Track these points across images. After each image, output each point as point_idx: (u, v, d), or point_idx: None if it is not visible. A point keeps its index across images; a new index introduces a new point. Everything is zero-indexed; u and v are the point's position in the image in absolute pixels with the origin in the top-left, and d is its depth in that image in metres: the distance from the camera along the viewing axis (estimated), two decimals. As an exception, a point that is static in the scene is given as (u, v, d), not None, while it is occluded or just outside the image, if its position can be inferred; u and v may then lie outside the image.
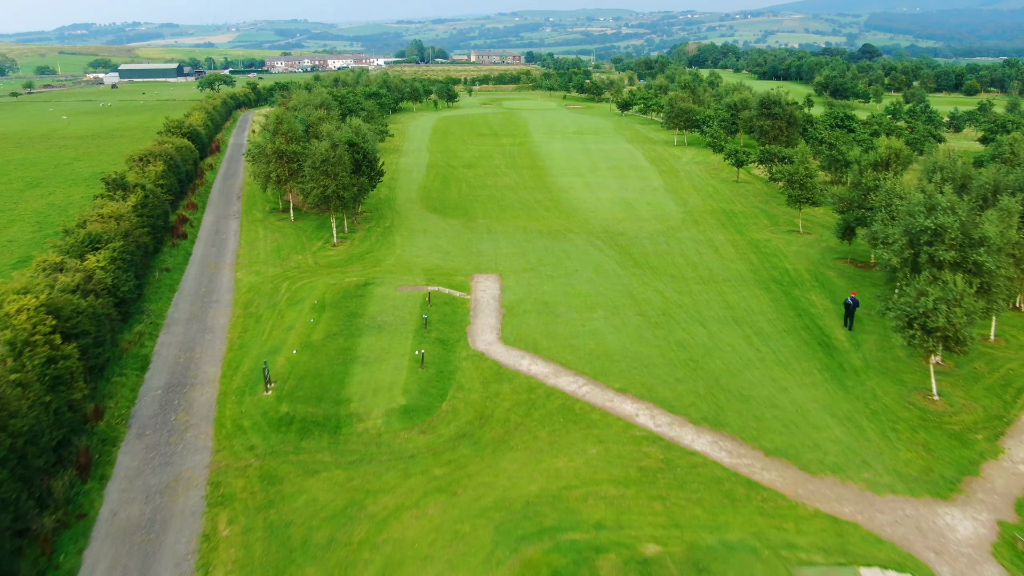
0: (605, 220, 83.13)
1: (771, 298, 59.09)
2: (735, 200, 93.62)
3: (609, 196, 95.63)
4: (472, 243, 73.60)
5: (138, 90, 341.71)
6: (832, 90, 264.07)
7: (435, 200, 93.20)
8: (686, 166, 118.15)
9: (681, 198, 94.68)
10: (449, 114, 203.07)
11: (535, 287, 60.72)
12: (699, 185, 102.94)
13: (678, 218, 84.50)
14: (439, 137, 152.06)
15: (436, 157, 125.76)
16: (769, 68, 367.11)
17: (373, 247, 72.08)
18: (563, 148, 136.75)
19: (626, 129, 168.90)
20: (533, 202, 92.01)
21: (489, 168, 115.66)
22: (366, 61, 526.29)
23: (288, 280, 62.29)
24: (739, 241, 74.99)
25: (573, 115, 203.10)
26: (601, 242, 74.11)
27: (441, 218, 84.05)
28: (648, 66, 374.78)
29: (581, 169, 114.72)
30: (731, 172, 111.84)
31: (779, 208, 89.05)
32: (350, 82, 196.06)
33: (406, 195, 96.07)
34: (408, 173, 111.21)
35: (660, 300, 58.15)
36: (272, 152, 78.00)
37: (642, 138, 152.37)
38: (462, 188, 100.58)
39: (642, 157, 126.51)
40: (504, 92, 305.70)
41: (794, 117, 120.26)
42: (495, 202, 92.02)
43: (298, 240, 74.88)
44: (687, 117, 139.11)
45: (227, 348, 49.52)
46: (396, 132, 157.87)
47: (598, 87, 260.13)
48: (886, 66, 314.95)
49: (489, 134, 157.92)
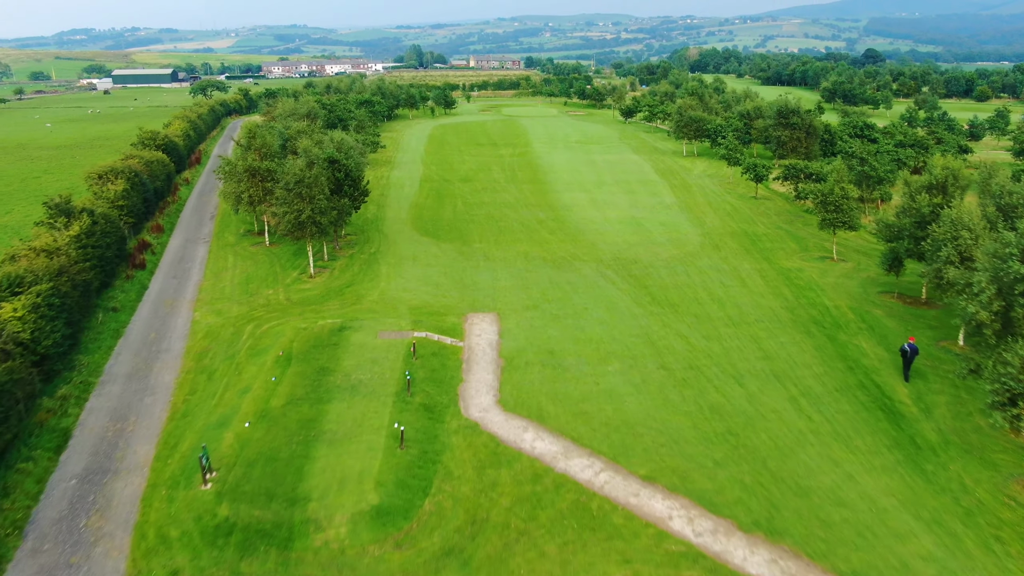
0: (615, 244, 74.46)
1: (814, 345, 50.40)
2: (756, 220, 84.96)
3: (618, 215, 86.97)
4: (467, 273, 64.91)
5: (130, 96, 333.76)
6: (840, 96, 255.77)
7: (427, 220, 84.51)
8: (698, 180, 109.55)
9: (697, 218, 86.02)
10: (446, 122, 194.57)
11: (538, 330, 52.06)
12: (715, 202, 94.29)
13: (696, 242, 75.83)
14: (435, 147, 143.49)
15: (431, 170, 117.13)
16: (773, 73, 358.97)
17: (355, 278, 63.37)
18: (566, 160, 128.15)
19: (631, 138, 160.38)
20: (535, 222, 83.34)
21: (487, 182, 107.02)
22: (364, 66, 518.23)
23: (253, 322, 53.59)
24: (767, 271, 66.30)
25: (575, 122, 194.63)
26: (612, 272, 65.42)
27: (433, 242, 75.37)
28: (650, 71, 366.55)
29: (586, 183, 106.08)
30: (748, 187, 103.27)
31: (807, 230, 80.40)
32: (343, 89, 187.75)
33: (396, 214, 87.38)
34: (400, 188, 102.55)
35: (685, 348, 49.46)
36: (243, 170, 69.36)
37: (649, 148, 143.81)
38: (457, 206, 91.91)
39: (651, 169, 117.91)
40: (503, 98, 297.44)
41: (813, 127, 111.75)
42: (493, 223, 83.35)
43: (271, 270, 66.19)
44: (697, 126, 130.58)
45: (168, 416, 40.78)
46: (390, 142, 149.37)
47: (600, 93, 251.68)
48: (894, 71, 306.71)
49: (487, 144, 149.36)
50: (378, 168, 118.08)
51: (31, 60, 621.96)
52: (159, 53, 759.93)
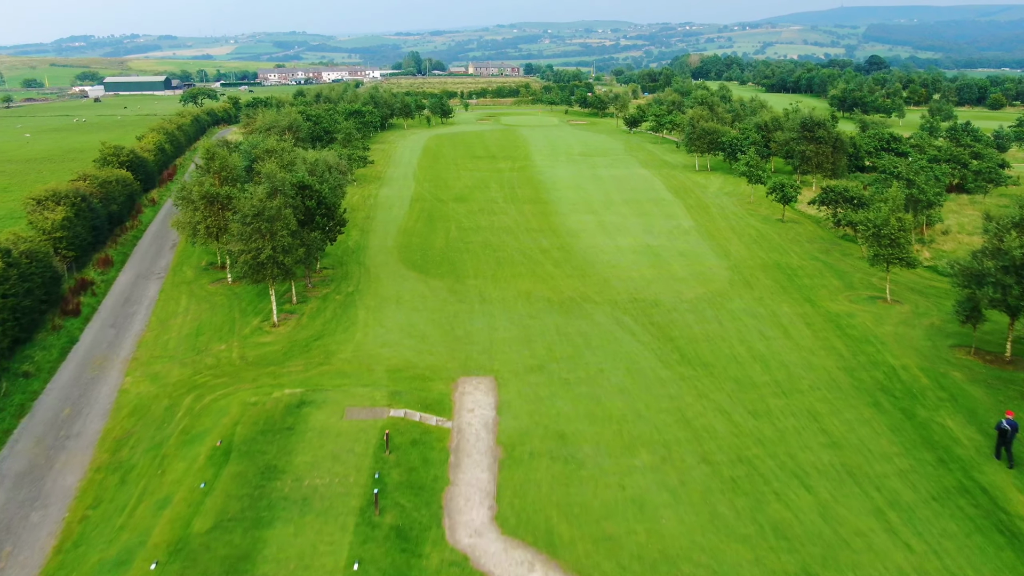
0: (631, 281, 64.25)
1: (888, 424, 40.19)
2: (788, 249, 74.82)
3: (631, 243, 76.81)
4: (459, 320, 54.70)
5: (121, 104, 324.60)
6: (850, 104, 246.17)
7: (416, 249, 74.29)
8: (716, 199, 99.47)
9: (721, 246, 75.86)
10: (443, 131, 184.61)
11: (545, 403, 41.88)
12: (738, 226, 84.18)
13: (723, 277, 65.63)
14: (429, 161, 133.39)
15: (423, 187, 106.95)
16: (777, 80, 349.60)
17: (326, 327, 53.14)
18: (570, 175, 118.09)
19: (638, 150, 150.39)
20: (538, 252, 73.14)
21: (484, 202, 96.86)
22: (362, 73, 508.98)
23: (195, 391, 43.36)
24: (812, 316, 56.10)
25: (577, 133, 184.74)
26: (630, 318, 55.22)
27: (421, 278, 65.14)
28: (652, 78, 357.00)
29: (593, 203, 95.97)
30: (772, 208, 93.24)
31: (848, 262, 70.27)
32: (333, 98, 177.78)
33: (381, 241, 77.17)
34: (388, 209, 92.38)
35: (729, 430, 39.26)
36: (200, 196, 59.19)
37: (658, 161, 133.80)
38: (450, 231, 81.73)
39: (663, 187, 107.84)
40: (502, 106, 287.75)
41: (840, 141, 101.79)
42: (490, 252, 73.14)
43: (228, 315, 55.98)
44: (711, 139, 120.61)
45: (55, 546, 30.56)
46: (381, 155, 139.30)
47: (602, 101, 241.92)
48: (903, 78, 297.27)
49: (485, 156, 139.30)
50: (366, 185, 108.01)
51: (26, 67, 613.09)
52: (156, 60, 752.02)
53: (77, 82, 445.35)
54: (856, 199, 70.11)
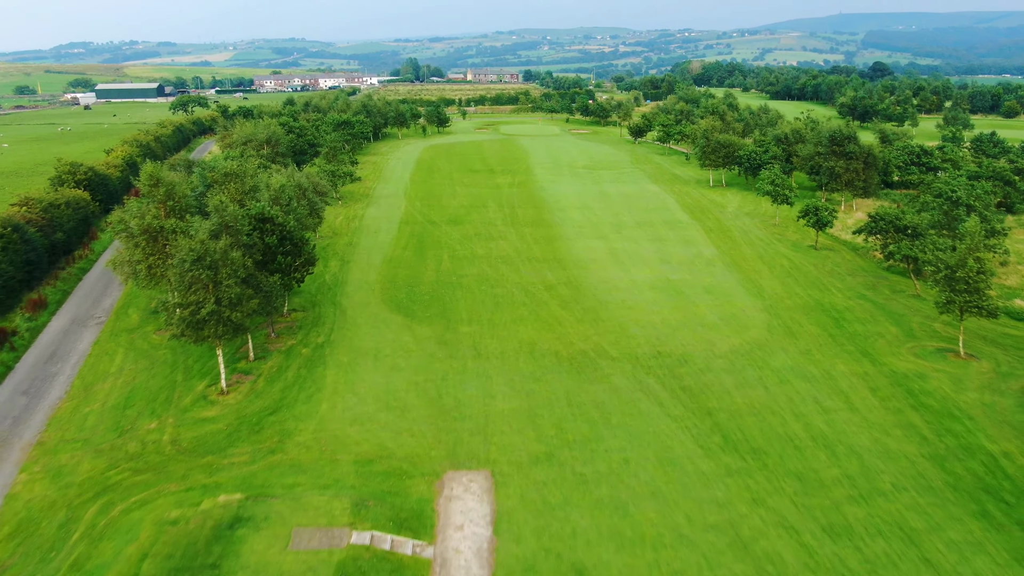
0: (652, 327, 54.38)
1: (1010, 548, 30.31)
2: (828, 285, 64.93)
3: (648, 276, 66.93)
4: (448, 384, 44.80)
5: (112, 111, 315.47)
6: (861, 113, 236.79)
7: (402, 285, 64.34)
8: (736, 220, 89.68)
9: (751, 280, 65.96)
10: (439, 142, 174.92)
11: (556, 514, 32.01)
12: (767, 254, 74.36)
13: (760, 321, 55.75)
14: (422, 175, 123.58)
15: (414, 207, 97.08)
16: (782, 87, 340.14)
17: (286, 395, 43.23)
18: (574, 192, 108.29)
19: (645, 162, 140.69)
20: (542, 288, 63.22)
21: (481, 225, 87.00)
22: (359, 80, 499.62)
23: (105, 496, 33.44)
24: (874, 377, 46.21)
25: (580, 143, 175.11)
26: (656, 380, 45.34)
27: (406, 322, 55.24)
28: (654, 85, 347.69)
29: (602, 226, 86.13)
30: (800, 231, 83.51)
31: (900, 301, 60.37)
32: (324, 107, 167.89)
33: (363, 275, 67.25)
34: (374, 234, 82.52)
35: (802, 563, 29.32)
36: (140, 231, 49.29)
37: (668, 176, 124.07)
38: (442, 261, 71.84)
39: (676, 205, 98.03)
40: (501, 114, 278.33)
41: (873, 157, 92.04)
42: (487, 288, 63.23)
43: (169, 377, 46.07)
44: (727, 153, 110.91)
45: None
46: (371, 168, 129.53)
47: (604, 109, 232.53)
48: (913, 85, 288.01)
49: (483, 170, 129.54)
50: (352, 204, 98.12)
51: (20, 74, 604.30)
52: (152, 66, 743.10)
53: (70, 89, 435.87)
54: (911, 228, 60.27)
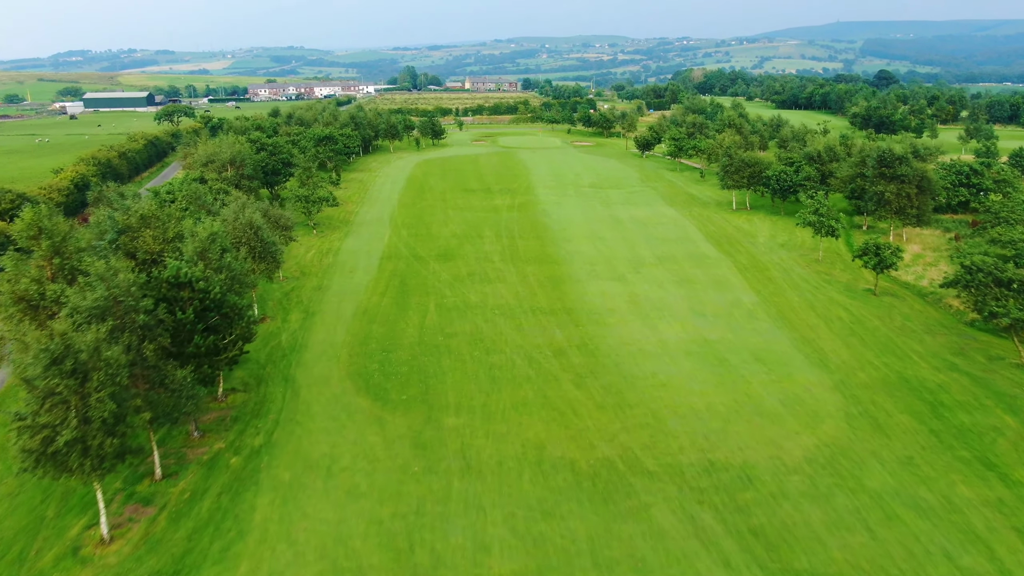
0: (696, 417, 41.31)
1: None
2: (905, 348, 51.83)
3: (680, 334, 53.87)
4: (424, 522, 31.71)
5: (98, 121, 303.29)
6: (876, 123, 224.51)
7: (375, 350, 51.23)
8: (771, 254, 76.73)
9: (806, 339, 52.89)
10: (433, 156, 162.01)
11: None
12: (818, 302, 61.32)
13: (833, 407, 42.70)
14: (412, 196, 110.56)
15: (399, 238, 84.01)
16: (789, 96, 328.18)
17: (191, 547, 30.10)
18: (582, 217, 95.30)
19: (656, 179, 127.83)
20: (550, 355, 50.13)
21: (476, 261, 73.94)
22: (355, 88, 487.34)
23: None
24: (1015, 508, 33.14)
25: (583, 157, 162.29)
26: (713, 516, 32.26)
27: (374, 411, 42.17)
28: (658, 94, 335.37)
29: (617, 262, 73.11)
30: (849, 269, 70.60)
31: (1005, 374, 47.19)
32: (308, 119, 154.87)
33: (328, 334, 54.13)
34: (349, 274, 69.43)
35: None
36: (13, 301, 36.16)
37: (683, 196, 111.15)
38: (427, 313, 58.75)
39: (699, 235, 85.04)
40: (500, 125, 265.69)
41: (927, 180, 79.19)
42: (481, 355, 50.13)
43: (36, 512, 32.89)
44: (752, 172, 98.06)
45: None
46: (356, 187, 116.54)
47: (608, 120, 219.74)
48: (927, 94, 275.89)
49: (479, 189, 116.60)
50: (329, 232, 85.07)
51: (13, 82, 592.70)
52: (147, 75, 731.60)
53: (59, 98, 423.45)
54: (1017, 283, 47.13)
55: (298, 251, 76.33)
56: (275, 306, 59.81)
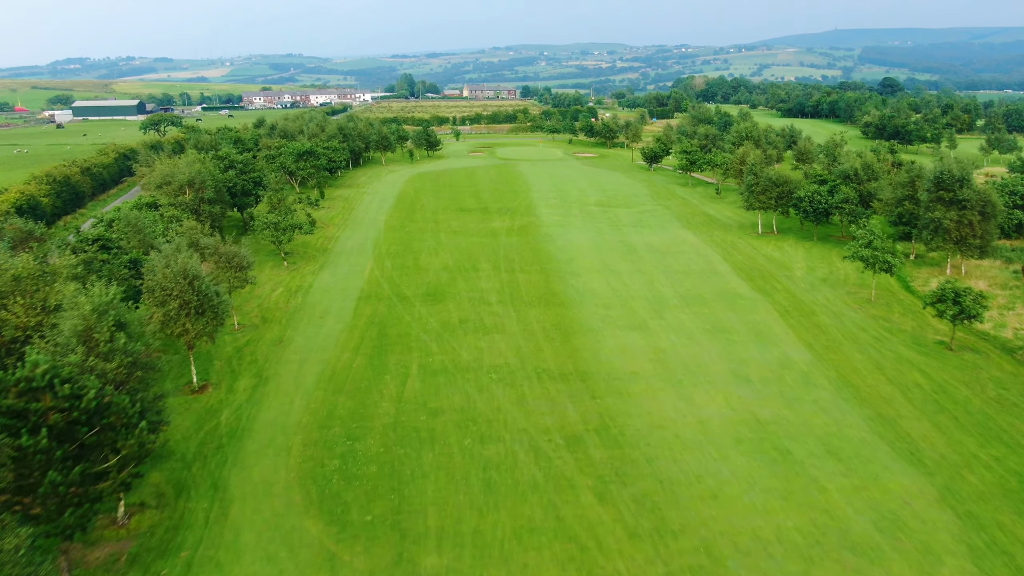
0: (766, 554, 29.90)
1: None
2: (1010, 426, 40.39)
3: (723, 411, 42.50)
4: None
5: (86, 130, 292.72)
6: (890, 133, 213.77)
7: (338, 439, 39.78)
8: (815, 292, 65.45)
9: (885, 419, 41.49)
10: (427, 169, 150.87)
11: None
12: (883, 358, 49.99)
13: (947, 535, 31.29)
14: (401, 217, 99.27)
15: (382, 271, 72.66)
16: (795, 104, 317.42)
17: None
18: (590, 243, 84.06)
19: (667, 196, 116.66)
20: (562, 446, 38.71)
21: (470, 303, 62.58)
22: (351, 96, 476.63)
23: None
24: None
25: (587, 170, 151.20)
26: None
27: (327, 543, 30.74)
28: (660, 103, 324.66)
29: (636, 303, 61.77)
30: (909, 311, 59.37)
31: None
32: (292, 130, 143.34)
33: (280, 411, 42.68)
34: (318, 322, 58.01)
35: None
36: None
37: (700, 216, 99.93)
38: (408, 377, 47.34)
39: (726, 266, 73.78)
40: (498, 134, 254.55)
41: (992, 206, 68.01)
42: (473, 445, 38.73)
43: None
44: (781, 192, 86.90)
45: None
46: (341, 207, 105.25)
47: (611, 130, 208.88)
48: (942, 102, 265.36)
49: (476, 208, 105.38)
50: (303, 264, 73.72)
51: (7, 90, 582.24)
52: (143, 82, 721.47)
53: (49, 106, 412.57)
54: None
55: (263, 289, 65.01)
56: (222, 368, 48.45)
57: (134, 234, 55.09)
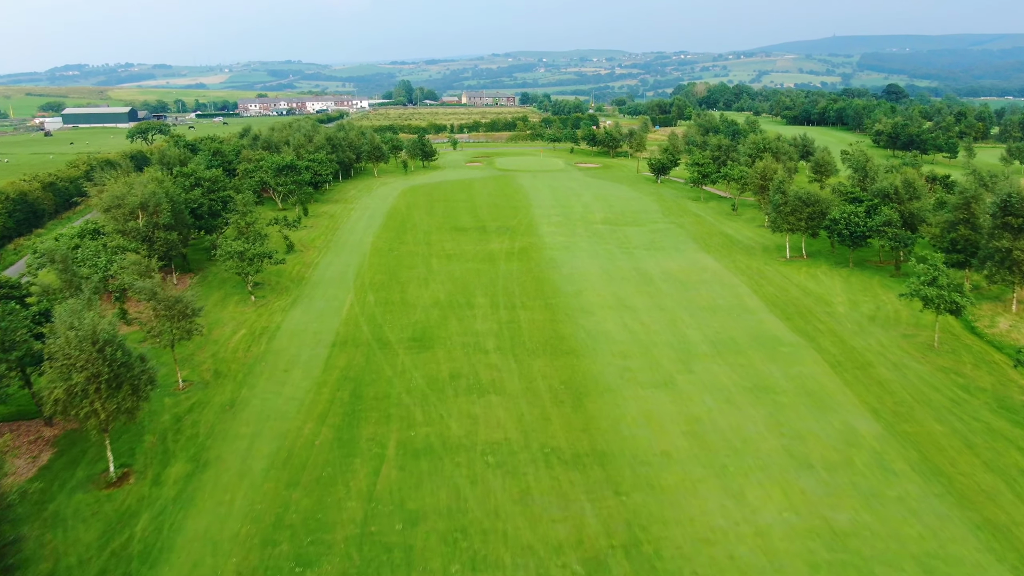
0: None
1: None
2: None
3: (789, 516, 32.77)
4: None
5: (74, 138, 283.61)
6: (904, 143, 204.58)
7: (284, 557, 30.08)
8: (866, 336, 55.75)
9: (1000, 529, 31.82)
10: (421, 181, 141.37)
11: None
12: (970, 433, 40.32)
13: None
14: (390, 238, 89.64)
15: (363, 307, 62.89)
16: (800, 112, 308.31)
17: None
18: (600, 271, 74.40)
19: (680, 213, 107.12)
20: (581, 574, 29.00)
21: (463, 352, 52.87)
22: (348, 103, 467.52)
23: None
24: None
25: (591, 182, 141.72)
26: None
27: None
28: (663, 110, 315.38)
29: (660, 354, 52.03)
30: (980, 363, 49.76)
31: None
32: (276, 141, 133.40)
33: (215, 516, 32.93)
34: (280, 378, 48.23)
35: None
36: None
37: (718, 237, 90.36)
38: (383, 461, 37.60)
39: (757, 300, 64.08)
40: (497, 143, 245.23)
41: (1066, 232, 58.33)
42: (461, 574, 29.03)
43: None
44: (812, 213, 77.34)
45: None
46: (325, 225, 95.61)
47: (614, 139, 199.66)
48: (954, 110, 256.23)
49: (472, 228, 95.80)
50: (270, 300, 63.92)
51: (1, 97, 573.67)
52: (139, 89, 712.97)
53: (41, 113, 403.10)
54: None
55: (222, 331, 55.36)
56: (152, 446, 38.71)
57: (61, 273, 45.50)
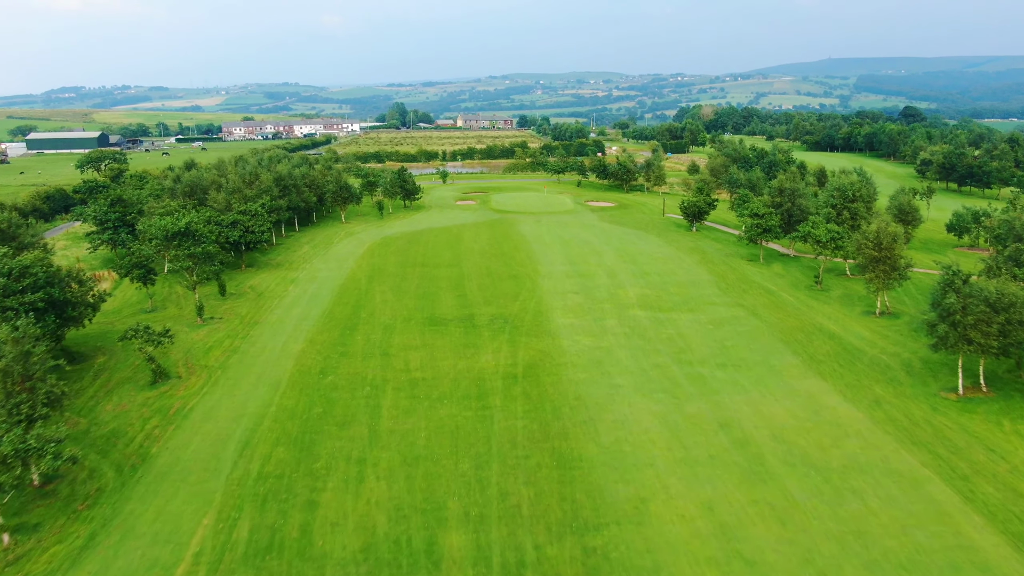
0: None
1: None
2: None
3: None
4: None
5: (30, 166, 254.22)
6: (961, 174, 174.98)
7: None
8: None
9: None
10: (398, 229, 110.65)
11: None
12: None
13: None
14: (329, 342, 58.40)
15: (230, 543, 31.71)
16: (823, 136, 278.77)
17: None
18: (662, 428, 43.28)
19: (741, 284, 76.22)
20: None
21: None
22: (338, 127, 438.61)
23: None
24: None
25: (610, 231, 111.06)
26: None
27: None
28: (674, 134, 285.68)
29: None
30: None
31: None
32: (206, 183, 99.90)
33: None
34: None
35: None
36: None
37: (821, 338, 59.37)
38: None
39: (978, 521, 33.24)
40: (494, 173, 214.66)
41: None
42: None
43: None
44: (1007, 321, 46.41)
45: None
46: (246, 310, 64.46)
47: (627, 170, 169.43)
48: (1003, 136, 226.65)
49: (455, 318, 64.75)
50: (45, 529, 32.90)
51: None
52: (124, 112, 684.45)
53: (7, 138, 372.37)
54: None
55: None
56: None
57: None
